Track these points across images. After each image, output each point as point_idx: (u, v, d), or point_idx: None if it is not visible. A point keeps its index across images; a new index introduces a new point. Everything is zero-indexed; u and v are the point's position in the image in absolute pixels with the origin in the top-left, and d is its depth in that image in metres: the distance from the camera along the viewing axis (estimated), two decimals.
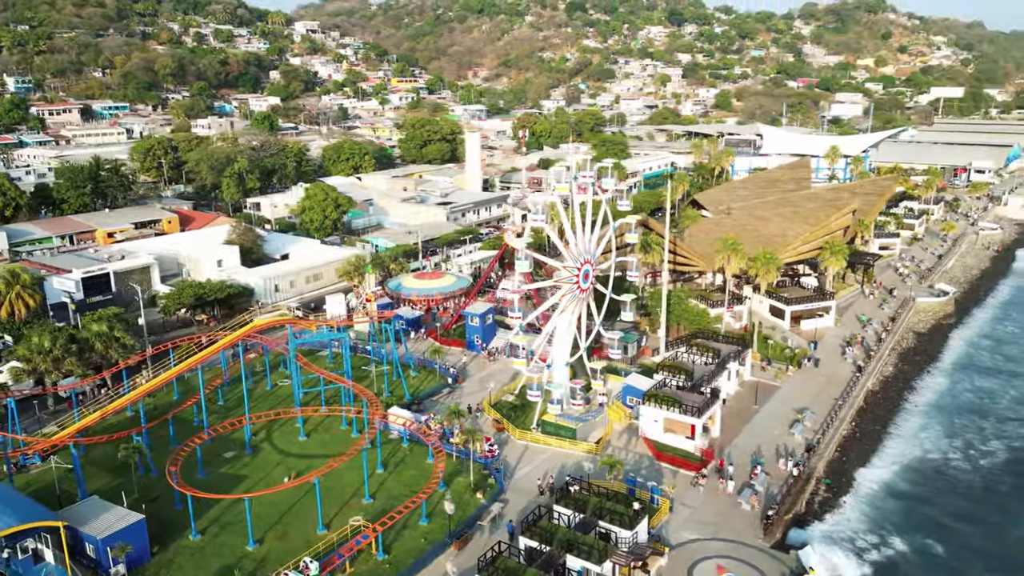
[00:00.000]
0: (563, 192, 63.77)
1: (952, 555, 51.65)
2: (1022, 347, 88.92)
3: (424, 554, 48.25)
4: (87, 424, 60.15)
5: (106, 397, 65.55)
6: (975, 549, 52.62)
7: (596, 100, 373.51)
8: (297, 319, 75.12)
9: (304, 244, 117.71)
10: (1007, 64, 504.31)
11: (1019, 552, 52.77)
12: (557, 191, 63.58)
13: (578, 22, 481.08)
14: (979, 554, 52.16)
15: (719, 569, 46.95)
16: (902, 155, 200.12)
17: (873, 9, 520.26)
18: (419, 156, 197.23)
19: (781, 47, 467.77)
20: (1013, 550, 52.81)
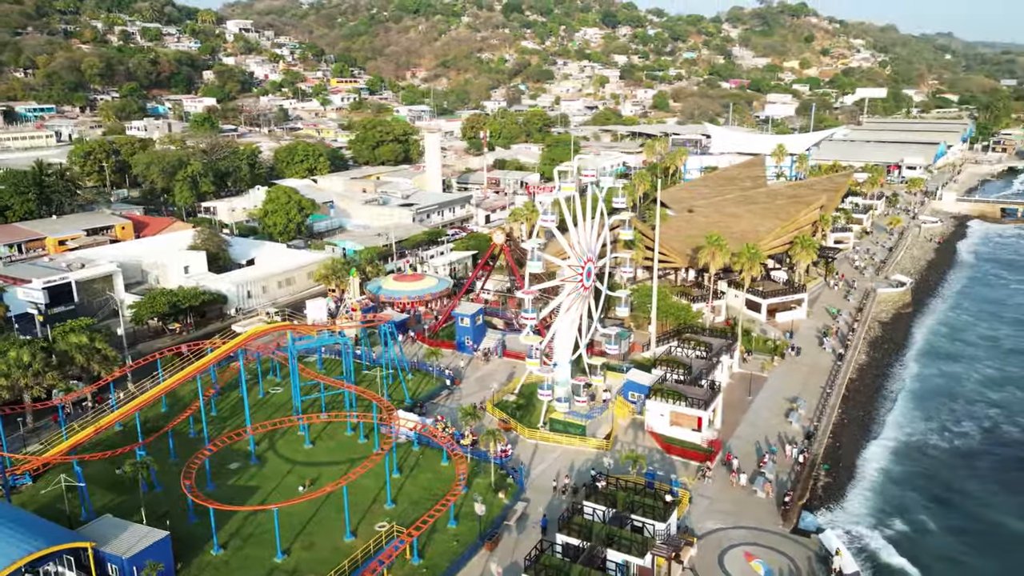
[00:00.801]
0: (569, 191, 64.13)
1: (952, 529, 54.59)
2: (977, 333, 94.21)
3: (459, 557, 48.05)
4: (80, 440, 57.49)
5: (95, 412, 62.98)
6: (971, 522, 55.79)
7: (537, 101, 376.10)
8: (295, 325, 73.25)
9: (269, 248, 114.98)
10: (920, 66, 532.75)
11: (1004, 520, 56.10)
12: (563, 190, 63.95)
13: (515, 23, 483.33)
14: (976, 525, 55.32)
15: (747, 556, 48.39)
16: (839, 153, 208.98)
17: (796, 13, 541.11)
18: (372, 157, 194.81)
19: (712, 49, 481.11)
20: (1000, 519, 56.16)
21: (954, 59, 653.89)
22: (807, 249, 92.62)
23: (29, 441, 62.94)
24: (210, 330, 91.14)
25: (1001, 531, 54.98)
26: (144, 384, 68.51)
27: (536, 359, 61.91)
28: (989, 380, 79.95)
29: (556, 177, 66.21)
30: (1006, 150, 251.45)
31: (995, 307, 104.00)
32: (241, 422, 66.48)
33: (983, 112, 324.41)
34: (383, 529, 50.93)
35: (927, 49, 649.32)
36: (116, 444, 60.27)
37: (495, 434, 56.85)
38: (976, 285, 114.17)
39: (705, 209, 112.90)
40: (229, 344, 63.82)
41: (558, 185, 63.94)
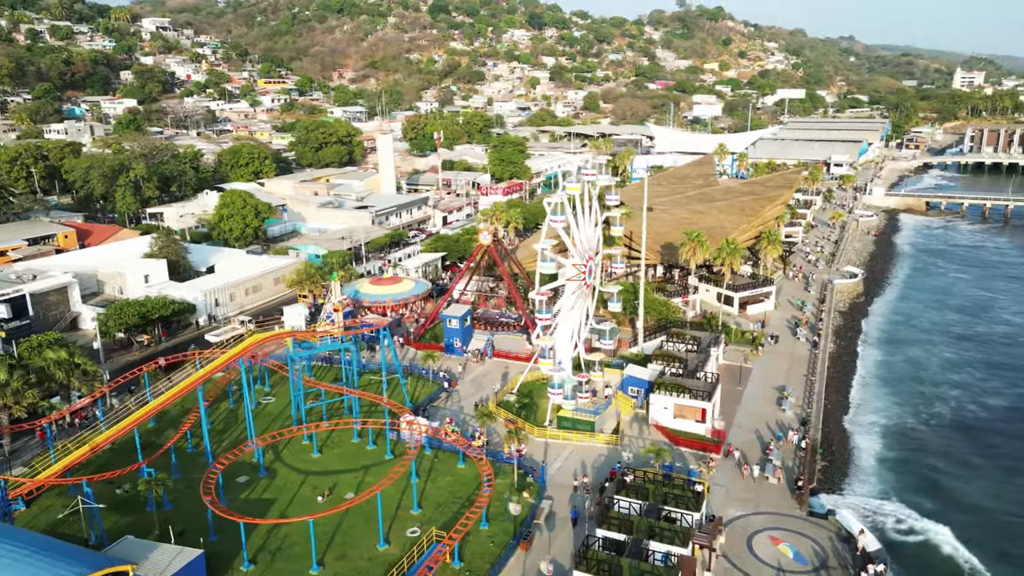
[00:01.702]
0: (574, 191, 64.77)
1: (948, 506, 58.02)
2: (929, 320, 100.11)
3: (498, 558, 48.03)
4: (76, 461, 54.38)
5: (90, 429, 59.76)
6: (963, 498, 59.49)
7: (469, 102, 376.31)
8: (296, 331, 71.29)
9: (228, 255, 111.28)
10: (828, 68, 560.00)
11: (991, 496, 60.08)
12: (568, 190, 64.53)
13: (443, 24, 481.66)
14: (968, 501, 59.07)
15: (774, 540, 50.21)
16: (771, 152, 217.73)
17: (713, 17, 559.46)
18: (315, 159, 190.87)
19: (636, 51, 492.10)
20: (987, 496, 60.16)
21: (858, 61, 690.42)
22: (774, 244, 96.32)
23: (11, 464, 59.24)
24: (180, 341, 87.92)
25: (990, 506, 58.71)
26: (129, 399, 65.79)
27: (549, 359, 62.27)
28: (948, 363, 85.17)
29: (560, 178, 66.64)
30: (918, 147, 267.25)
31: (940, 295, 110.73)
32: (239, 434, 64.70)
33: (893, 112, 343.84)
34: (415, 534, 50.43)
35: (833, 52, 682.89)
36: (112, 463, 57.36)
37: (517, 434, 56.96)
38: (919, 275, 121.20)
39: (666, 207, 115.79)
40: (230, 353, 61.55)
41: (562, 185, 64.50)
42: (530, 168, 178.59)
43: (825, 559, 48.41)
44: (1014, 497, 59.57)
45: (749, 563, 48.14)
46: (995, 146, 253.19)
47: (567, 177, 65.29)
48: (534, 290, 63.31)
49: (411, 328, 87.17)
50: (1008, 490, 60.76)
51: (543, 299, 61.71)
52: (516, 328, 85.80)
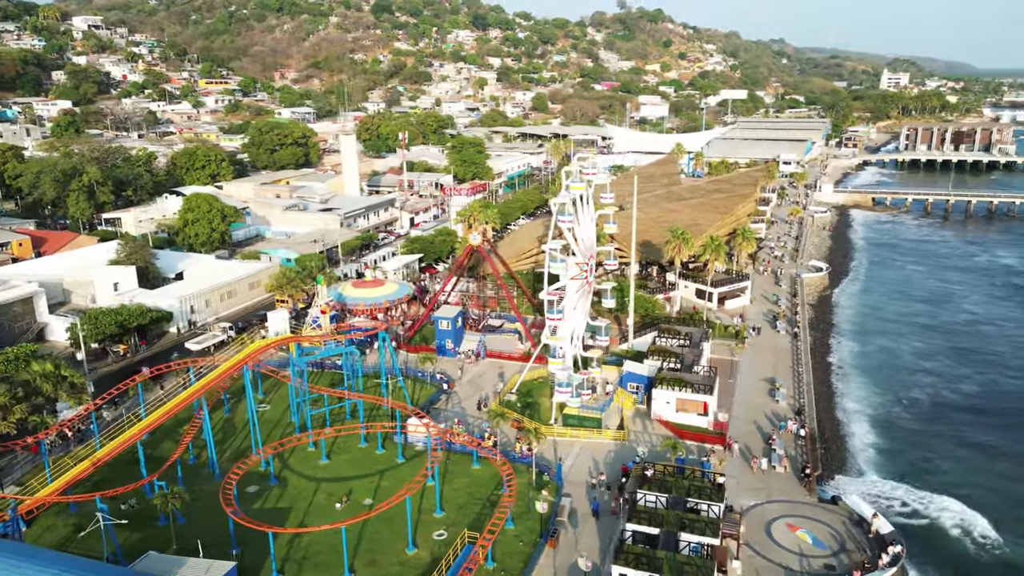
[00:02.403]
0: (578, 191, 65.30)
1: (944, 487, 60.73)
2: (895, 311, 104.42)
3: (529, 557, 48.21)
4: (79, 476, 52.16)
5: (80, 444, 57.42)
6: (957, 478, 62.43)
7: (416, 102, 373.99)
8: (300, 336, 69.73)
9: (196, 260, 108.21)
10: (764, 69, 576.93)
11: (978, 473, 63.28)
12: (572, 190, 65.03)
13: (387, 24, 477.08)
14: (963, 481, 62.01)
15: (791, 527, 51.76)
16: (723, 151, 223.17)
17: (653, 19, 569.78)
18: (270, 162, 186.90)
19: (580, 52, 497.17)
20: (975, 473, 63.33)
21: (789, 63, 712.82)
22: (748, 240, 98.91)
23: (2, 483, 56.48)
24: (159, 350, 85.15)
25: (980, 483, 61.77)
26: (127, 411, 63.51)
27: (559, 359, 62.65)
28: (919, 352, 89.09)
29: (563, 177, 67.11)
30: (856, 145, 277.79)
31: (901, 287, 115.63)
32: (240, 443, 63.24)
33: (829, 111, 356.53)
34: (442, 537, 50.20)
35: (766, 54, 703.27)
36: (111, 478, 55.16)
37: (534, 433, 57.18)
38: (877, 268, 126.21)
39: (638, 205, 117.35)
40: (233, 360, 59.92)
41: (565, 184, 64.99)
42: (492, 168, 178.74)
43: (842, 543, 50.15)
44: (1003, 469, 62.95)
45: (772, 550, 49.50)
46: (929, 144, 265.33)
47: (570, 176, 65.68)
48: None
49: (399, 330, 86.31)
50: (997, 463, 64.21)
51: (555, 299, 62.01)
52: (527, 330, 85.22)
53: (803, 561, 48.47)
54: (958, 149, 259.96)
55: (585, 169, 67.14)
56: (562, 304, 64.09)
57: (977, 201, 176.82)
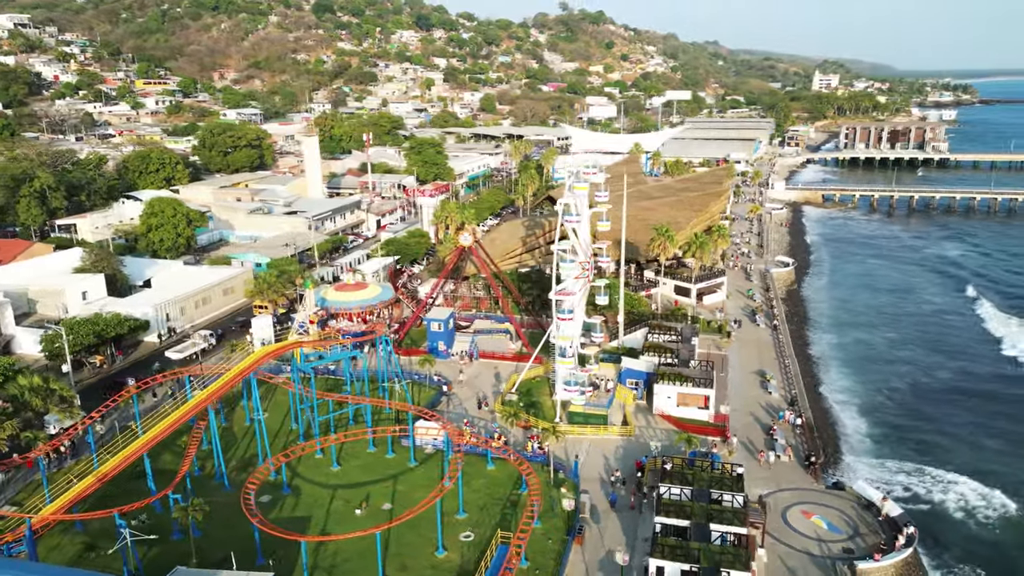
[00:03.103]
0: (582, 191, 65.78)
1: (937, 467, 63.61)
2: (863, 303, 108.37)
3: (560, 554, 48.48)
4: (85, 492, 50.02)
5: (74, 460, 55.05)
6: (950, 460, 65.33)
7: (363, 103, 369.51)
8: (304, 341, 68.16)
9: (164, 267, 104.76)
10: (702, 71, 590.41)
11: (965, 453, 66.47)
12: (575, 189, 65.48)
13: (329, 24, 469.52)
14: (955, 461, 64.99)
15: (806, 514, 53.44)
16: (676, 151, 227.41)
17: (595, 21, 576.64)
18: (224, 164, 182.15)
19: (524, 53, 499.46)
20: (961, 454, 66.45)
21: (725, 65, 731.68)
22: (723, 236, 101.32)
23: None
24: (136, 360, 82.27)
25: (968, 464, 64.84)
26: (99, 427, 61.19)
27: (569, 358, 63.06)
28: (892, 342, 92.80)
29: (567, 177, 67.50)
30: (798, 144, 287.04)
31: (864, 280, 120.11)
32: (243, 453, 61.72)
33: (769, 112, 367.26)
34: (469, 539, 50.04)
35: (703, 55, 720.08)
36: (114, 493, 53.01)
37: (552, 430, 57.41)
38: (839, 262, 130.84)
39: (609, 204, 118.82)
40: (240, 366, 58.28)
41: (568, 184, 65.45)
42: (453, 169, 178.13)
43: (856, 527, 52.03)
44: (994, 446, 66.81)
45: (791, 536, 51.02)
46: (867, 142, 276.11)
47: (573, 177, 66.20)
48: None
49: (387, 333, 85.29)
50: (985, 441, 67.81)
51: (566, 298, 62.37)
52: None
53: (822, 546, 50.11)
54: (894, 147, 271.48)
55: (585, 169, 67.59)
56: (571, 303, 64.46)
57: (919, 197, 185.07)
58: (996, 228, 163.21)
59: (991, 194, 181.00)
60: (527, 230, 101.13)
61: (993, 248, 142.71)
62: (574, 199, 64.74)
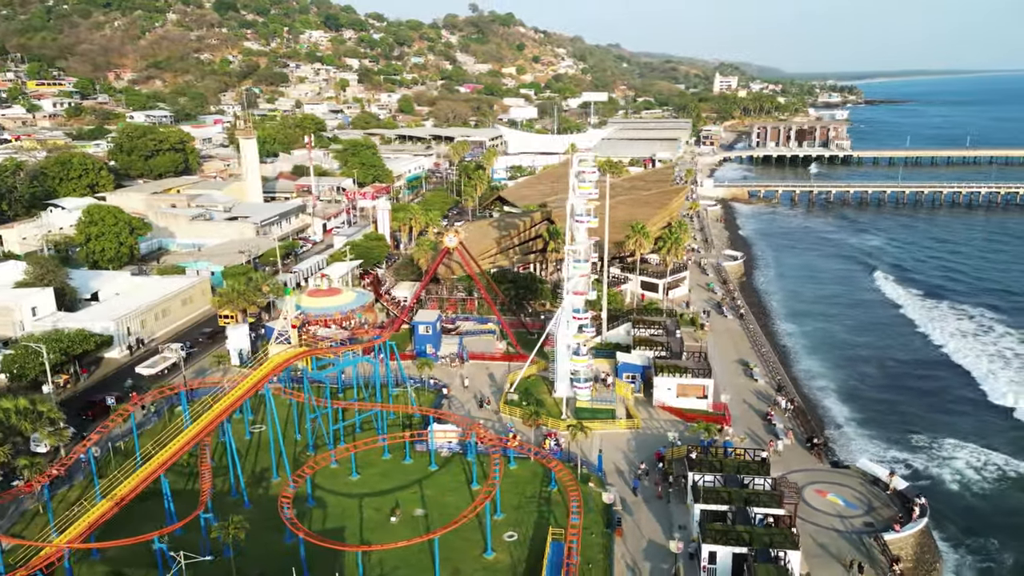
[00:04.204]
0: (586, 190, 66.51)
1: (924, 444, 68.21)
2: (814, 294, 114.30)
3: (607, 547, 49.14)
4: (104, 517, 46.84)
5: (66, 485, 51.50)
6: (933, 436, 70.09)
7: (275, 104, 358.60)
8: (314, 348, 65.69)
9: (112, 279, 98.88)
10: (609, 73, 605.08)
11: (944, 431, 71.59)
12: (580, 189, 66.16)
13: (233, 22, 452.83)
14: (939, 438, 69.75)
15: (820, 493, 56.18)
16: (605, 151, 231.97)
17: (505, 23, 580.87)
18: (146, 169, 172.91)
19: (437, 55, 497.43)
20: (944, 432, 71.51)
21: (630, 67, 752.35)
22: (685, 231, 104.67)
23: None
24: (102, 377, 77.35)
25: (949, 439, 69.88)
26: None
27: (583, 356, 63.75)
28: (851, 329, 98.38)
29: (574, 178, 68.18)
30: (713, 143, 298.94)
31: (808, 271, 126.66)
32: (253, 467, 59.31)
33: (681, 112, 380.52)
34: (513, 539, 50.01)
35: (609, 58, 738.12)
36: (128, 518, 49.89)
37: (582, 427, 57.97)
38: (781, 255, 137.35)
39: (562, 204, 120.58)
40: (255, 377, 55.83)
41: (573, 184, 66.08)
42: (392, 171, 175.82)
43: (869, 502, 55.11)
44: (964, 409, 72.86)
45: (813, 515, 53.47)
46: (777, 141, 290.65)
47: (579, 177, 66.96)
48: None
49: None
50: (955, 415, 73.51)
51: (583, 298, 63.09)
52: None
53: (845, 522, 52.84)
54: (801, 145, 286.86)
55: (585, 169, 68.49)
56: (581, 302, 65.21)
57: (836, 191, 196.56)
58: (905, 220, 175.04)
59: (899, 188, 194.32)
60: (499, 231, 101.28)
61: (904, 238, 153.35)
62: (577, 199, 65.43)
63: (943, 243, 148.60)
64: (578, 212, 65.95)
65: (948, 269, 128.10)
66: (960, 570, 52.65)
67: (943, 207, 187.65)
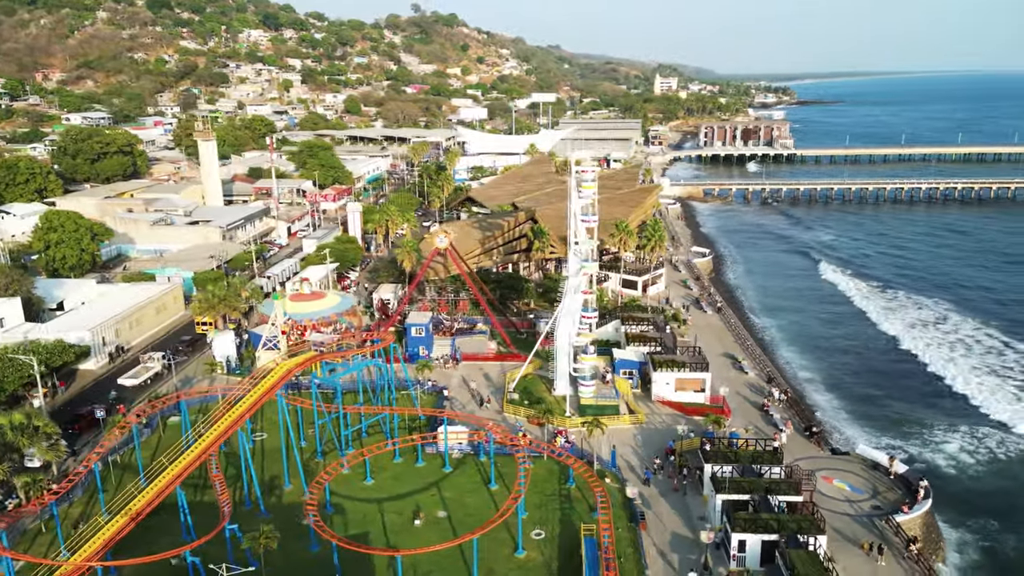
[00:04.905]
0: (590, 189, 67.02)
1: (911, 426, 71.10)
2: (782, 288, 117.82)
3: (634, 540, 49.71)
4: (121, 533, 45.04)
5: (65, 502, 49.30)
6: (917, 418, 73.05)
7: (216, 105, 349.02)
8: (325, 353, 64.10)
9: (74, 287, 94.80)
10: (553, 74, 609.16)
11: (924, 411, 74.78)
12: (585, 189, 66.65)
13: (167, 20, 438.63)
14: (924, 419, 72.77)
15: (826, 479, 58.02)
16: (564, 150, 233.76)
17: (448, 23, 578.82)
18: (91, 173, 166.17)
19: (381, 55, 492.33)
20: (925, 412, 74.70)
21: (571, 68, 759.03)
22: (664, 230, 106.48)
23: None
24: (80, 389, 74.09)
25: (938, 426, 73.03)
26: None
27: (591, 354, 64.26)
28: (824, 322, 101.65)
29: (572, 179, 68.61)
30: (662, 143, 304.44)
31: (774, 267, 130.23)
32: (258, 475, 57.83)
33: (627, 113, 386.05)
34: (540, 536, 50.12)
35: (550, 59, 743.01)
36: (140, 534, 48.05)
37: (595, 423, 58.38)
38: (745, 251, 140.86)
39: (537, 204, 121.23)
40: (267, 384, 54.34)
41: (574, 183, 66.57)
42: (351, 173, 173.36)
43: (873, 486, 57.21)
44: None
45: (823, 500, 55.07)
46: (724, 141, 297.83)
47: (578, 176, 67.50)
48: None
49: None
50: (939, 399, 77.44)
51: (591, 297, 63.61)
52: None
53: (854, 506, 54.74)
54: (747, 144, 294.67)
55: (585, 168, 69.07)
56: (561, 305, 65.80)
57: (787, 189, 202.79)
58: (853, 216, 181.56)
59: (845, 185, 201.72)
60: (483, 231, 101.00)
61: (855, 233, 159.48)
62: (591, 200, 66.12)
63: (890, 237, 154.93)
64: (583, 213, 66.39)
65: (900, 262, 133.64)
66: (963, 548, 55.09)
67: (887, 203, 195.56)
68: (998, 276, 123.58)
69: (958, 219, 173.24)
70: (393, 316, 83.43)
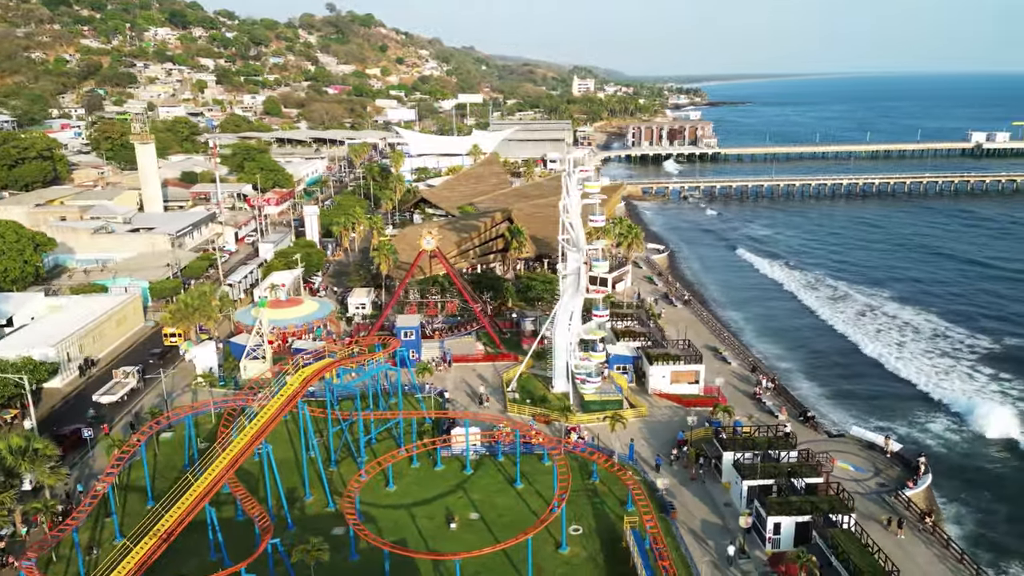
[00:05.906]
0: (592, 189, 67.59)
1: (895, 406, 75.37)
2: (742, 282, 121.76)
3: (670, 531, 50.69)
4: (153, 556, 42.67)
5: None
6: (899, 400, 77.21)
7: (124, 107, 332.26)
8: (339, 360, 61.83)
9: (21, 301, 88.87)
10: (472, 75, 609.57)
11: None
12: (586, 188, 67.18)
13: (66, 18, 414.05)
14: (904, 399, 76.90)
15: (832, 460, 60.69)
16: (503, 151, 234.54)
17: (365, 23, 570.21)
18: (8, 179, 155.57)
19: (298, 55, 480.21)
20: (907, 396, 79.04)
21: (489, 69, 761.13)
22: (632, 227, 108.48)
23: None
24: (50, 409, 69.42)
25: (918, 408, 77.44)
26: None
27: (600, 352, 64.93)
28: (789, 313, 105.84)
29: (583, 179, 69.24)
30: (591, 143, 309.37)
31: (726, 262, 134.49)
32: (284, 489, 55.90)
33: (552, 114, 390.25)
34: (578, 532, 50.47)
35: (468, 60, 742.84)
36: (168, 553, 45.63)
37: (617, 417, 59.05)
38: (694, 247, 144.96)
39: (497, 205, 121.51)
40: (285, 394, 52.29)
41: (573, 186, 67.16)
42: (292, 176, 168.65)
43: (874, 465, 60.26)
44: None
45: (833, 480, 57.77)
46: (651, 141, 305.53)
47: (589, 179, 68.36)
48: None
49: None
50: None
51: (600, 296, 64.24)
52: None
53: (861, 484, 57.48)
54: (672, 144, 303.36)
55: (584, 168, 69.80)
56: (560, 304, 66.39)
57: (720, 186, 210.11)
58: (779, 211, 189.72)
59: (774, 182, 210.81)
60: (459, 232, 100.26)
61: (788, 227, 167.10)
62: (597, 200, 66.81)
63: (823, 232, 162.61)
64: (595, 213, 67.13)
65: (836, 254, 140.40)
66: (960, 519, 58.75)
67: (812, 198, 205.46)
68: (925, 267, 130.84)
69: (878, 213, 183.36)
70: (380, 319, 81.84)
